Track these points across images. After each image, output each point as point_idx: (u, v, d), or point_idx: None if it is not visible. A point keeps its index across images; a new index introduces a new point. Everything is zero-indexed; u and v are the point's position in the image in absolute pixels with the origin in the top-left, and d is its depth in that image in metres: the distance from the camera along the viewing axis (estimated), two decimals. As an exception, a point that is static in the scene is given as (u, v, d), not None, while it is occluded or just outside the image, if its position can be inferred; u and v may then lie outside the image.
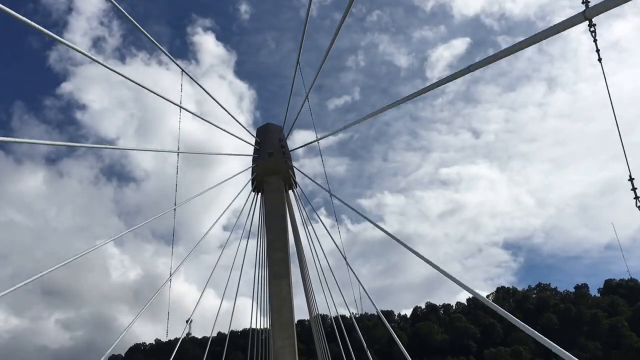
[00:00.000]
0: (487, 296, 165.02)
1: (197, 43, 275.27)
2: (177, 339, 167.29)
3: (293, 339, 21.63)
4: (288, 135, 24.12)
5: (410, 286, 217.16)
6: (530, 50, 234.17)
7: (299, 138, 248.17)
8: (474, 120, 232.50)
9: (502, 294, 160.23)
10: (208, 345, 22.06)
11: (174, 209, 14.50)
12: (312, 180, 24.61)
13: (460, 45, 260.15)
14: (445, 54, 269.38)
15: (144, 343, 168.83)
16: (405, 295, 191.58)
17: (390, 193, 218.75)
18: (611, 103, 6.01)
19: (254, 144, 24.24)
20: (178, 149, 17.52)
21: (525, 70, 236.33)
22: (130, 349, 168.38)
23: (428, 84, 8.47)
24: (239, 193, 26.18)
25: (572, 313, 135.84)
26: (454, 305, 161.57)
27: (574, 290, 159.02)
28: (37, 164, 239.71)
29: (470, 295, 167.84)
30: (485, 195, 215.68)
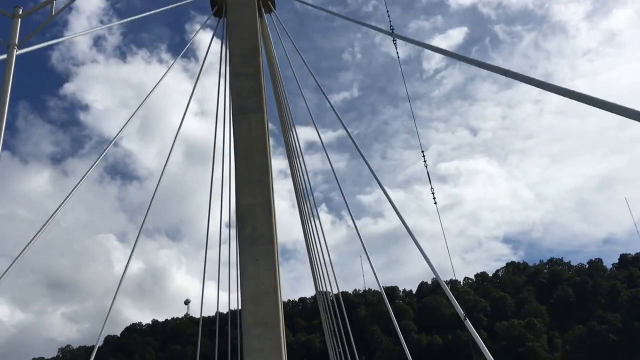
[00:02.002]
0: (497, 271, 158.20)
1: (196, 40, 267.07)
2: (174, 319, 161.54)
3: (272, 245, 13.84)
4: None
5: (411, 280, 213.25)
6: (526, 47, 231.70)
7: (299, 133, 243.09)
8: (471, 118, 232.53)
9: (512, 269, 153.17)
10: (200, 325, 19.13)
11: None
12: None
13: (457, 35, 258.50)
14: (442, 45, 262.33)
15: (140, 323, 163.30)
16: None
17: (390, 188, 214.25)
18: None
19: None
20: None
21: (522, 67, 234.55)
22: (126, 329, 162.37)
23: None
24: (200, 28, 18.68)
25: (588, 285, 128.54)
26: (461, 281, 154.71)
27: (587, 265, 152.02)
28: (42, 163, 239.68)
29: (479, 271, 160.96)
30: (485, 190, 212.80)
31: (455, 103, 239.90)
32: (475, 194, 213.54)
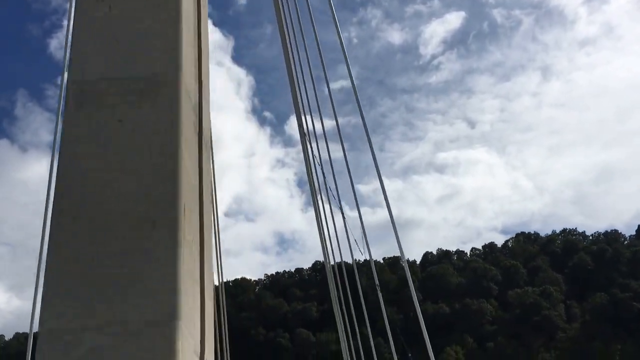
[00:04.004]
0: (507, 241, 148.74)
1: None
2: None
3: None
4: None
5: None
6: (524, 39, 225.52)
7: (295, 122, 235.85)
8: (469, 111, 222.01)
9: (523, 239, 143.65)
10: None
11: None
12: None
13: (454, 20, 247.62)
14: (439, 30, 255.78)
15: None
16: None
17: (388, 178, 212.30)
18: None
19: None
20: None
21: (520, 60, 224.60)
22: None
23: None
24: None
25: (607, 253, 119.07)
26: (468, 252, 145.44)
27: (603, 235, 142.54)
28: (41, 151, 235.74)
29: (487, 242, 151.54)
30: (484, 179, 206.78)
31: (452, 95, 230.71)
32: (474, 184, 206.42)
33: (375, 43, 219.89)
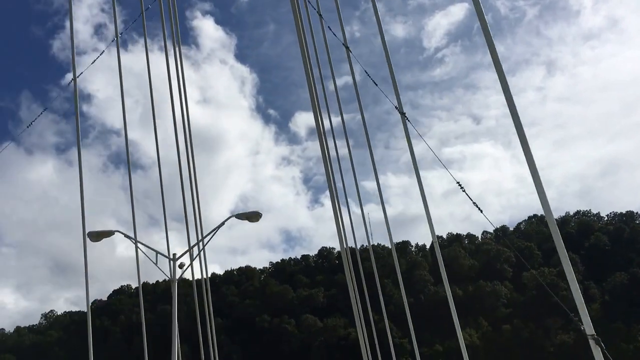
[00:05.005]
0: (519, 224, 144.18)
1: (197, 27, 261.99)
2: (164, 281, 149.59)
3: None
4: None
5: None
6: (528, 34, 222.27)
7: (300, 120, 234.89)
8: (474, 107, 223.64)
9: (536, 221, 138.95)
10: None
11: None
12: None
13: (458, 12, 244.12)
14: (443, 22, 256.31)
15: (129, 285, 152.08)
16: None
17: (394, 174, 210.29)
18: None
19: None
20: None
21: (524, 55, 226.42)
22: (114, 291, 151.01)
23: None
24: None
25: (625, 233, 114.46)
26: (479, 236, 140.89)
27: (617, 217, 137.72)
28: (47, 153, 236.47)
29: (499, 225, 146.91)
30: (490, 173, 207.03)
31: (457, 92, 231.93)
32: (480, 178, 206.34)
33: (379, 38, 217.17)
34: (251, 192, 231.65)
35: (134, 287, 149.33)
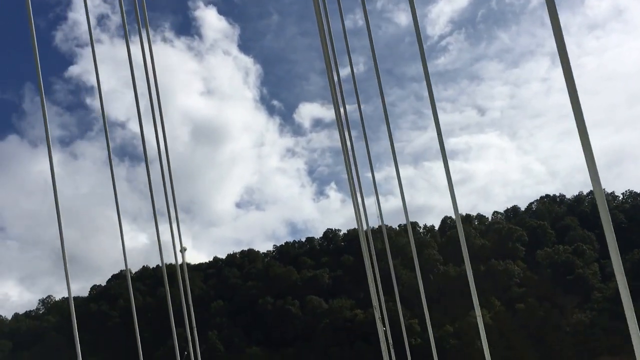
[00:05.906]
0: (530, 204, 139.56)
1: (200, 17, 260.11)
2: (167, 265, 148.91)
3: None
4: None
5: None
6: (533, 25, 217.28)
7: (304, 111, 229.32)
8: (479, 98, 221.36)
9: (549, 201, 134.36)
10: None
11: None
12: None
13: None
14: (446, 9, 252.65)
15: (129, 270, 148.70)
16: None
17: (399, 165, 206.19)
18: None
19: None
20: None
21: (529, 46, 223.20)
22: (113, 276, 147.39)
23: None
24: None
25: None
26: (489, 217, 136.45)
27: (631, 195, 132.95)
28: (53, 146, 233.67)
29: (510, 205, 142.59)
30: (496, 164, 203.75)
31: (462, 83, 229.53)
32: (486, 169, 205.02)
33: (383, 28, 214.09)
34: (256, 184, 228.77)
35: (134, 271, 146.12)
